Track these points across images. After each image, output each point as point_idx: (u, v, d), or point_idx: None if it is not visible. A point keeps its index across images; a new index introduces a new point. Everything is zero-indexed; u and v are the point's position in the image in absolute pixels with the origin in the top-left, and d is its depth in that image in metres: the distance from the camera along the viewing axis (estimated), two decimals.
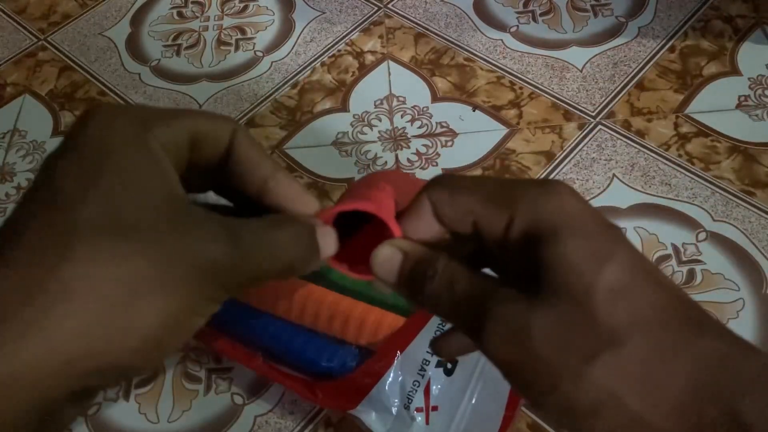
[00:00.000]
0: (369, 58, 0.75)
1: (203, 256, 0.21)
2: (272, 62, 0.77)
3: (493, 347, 0.22)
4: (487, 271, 0.26)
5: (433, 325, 0.47)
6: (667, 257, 0.57)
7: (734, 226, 0.58)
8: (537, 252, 0.22)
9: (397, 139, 0.68)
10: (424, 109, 0.70)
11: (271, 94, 0.73)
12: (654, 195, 0.61)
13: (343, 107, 0.71)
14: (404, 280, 0.25)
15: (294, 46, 0.78)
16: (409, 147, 0.67)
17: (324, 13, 0.81)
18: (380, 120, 0.69)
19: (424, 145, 0.67)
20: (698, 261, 0.57)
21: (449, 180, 0.25)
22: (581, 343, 0.21)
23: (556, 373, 0.21)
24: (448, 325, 0.47)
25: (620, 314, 0.21)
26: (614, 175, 0.63)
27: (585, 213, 0.23)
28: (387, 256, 0.25)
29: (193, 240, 0.21)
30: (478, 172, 0.64)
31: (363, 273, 0.26)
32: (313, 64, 0.76)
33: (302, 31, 0.79)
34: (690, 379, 0.20)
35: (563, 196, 0.23)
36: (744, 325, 0.53)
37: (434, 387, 0.46)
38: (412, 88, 0.72)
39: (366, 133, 0.68)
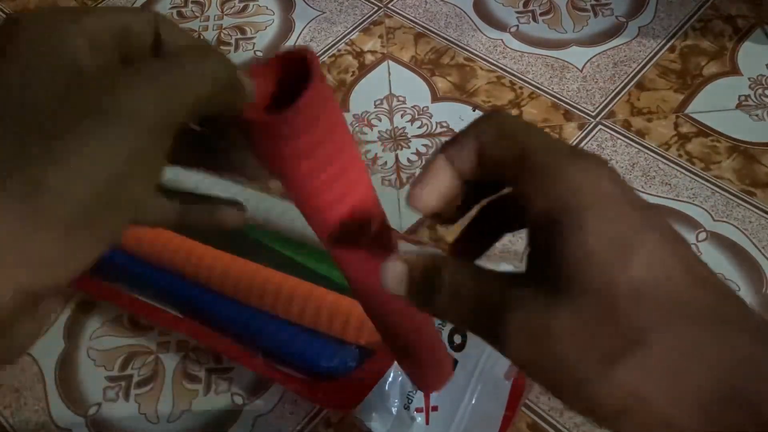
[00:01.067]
0: (369, 57, 0.75)
1: (124, 98, 0.19)
2: None
3: (513, 352, 0.21)
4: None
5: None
6: None
7: (734, 226, 0.58)
8: (556, 239, 0.20)
9: (397, 139, 0.68)
10: (424, 109, 0.70)
11: None
12: (654, 195, 0.61)
13: (343, 107, 0.71)
14: (414, 292, 0.24)
15: (294, 46, 0.78)
16: (409, 147, 0.67)
17: (324, 13, 0.81)
18: (380, 120, 0.69)
19: (424, 145, 0.67)
20: None
21: (502, 118, 0.23)
22: (604, 344, 0.20)
23: (579, 375, 0.20)
24: (448, 325, 0.47)
25: (644, 312, 0.20)
26: None
27: (616, 193, 0.21)
28: (397, 273, 0.23)
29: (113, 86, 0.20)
30: None
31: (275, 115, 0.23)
32: None
33: (302, 31, 0.79)
34: (716, 380, 0.19)
35: (593, 174, 0.21)
36: None
37: None
38: (412, 88, 0.72)
39: (366, 133, 0.68)
